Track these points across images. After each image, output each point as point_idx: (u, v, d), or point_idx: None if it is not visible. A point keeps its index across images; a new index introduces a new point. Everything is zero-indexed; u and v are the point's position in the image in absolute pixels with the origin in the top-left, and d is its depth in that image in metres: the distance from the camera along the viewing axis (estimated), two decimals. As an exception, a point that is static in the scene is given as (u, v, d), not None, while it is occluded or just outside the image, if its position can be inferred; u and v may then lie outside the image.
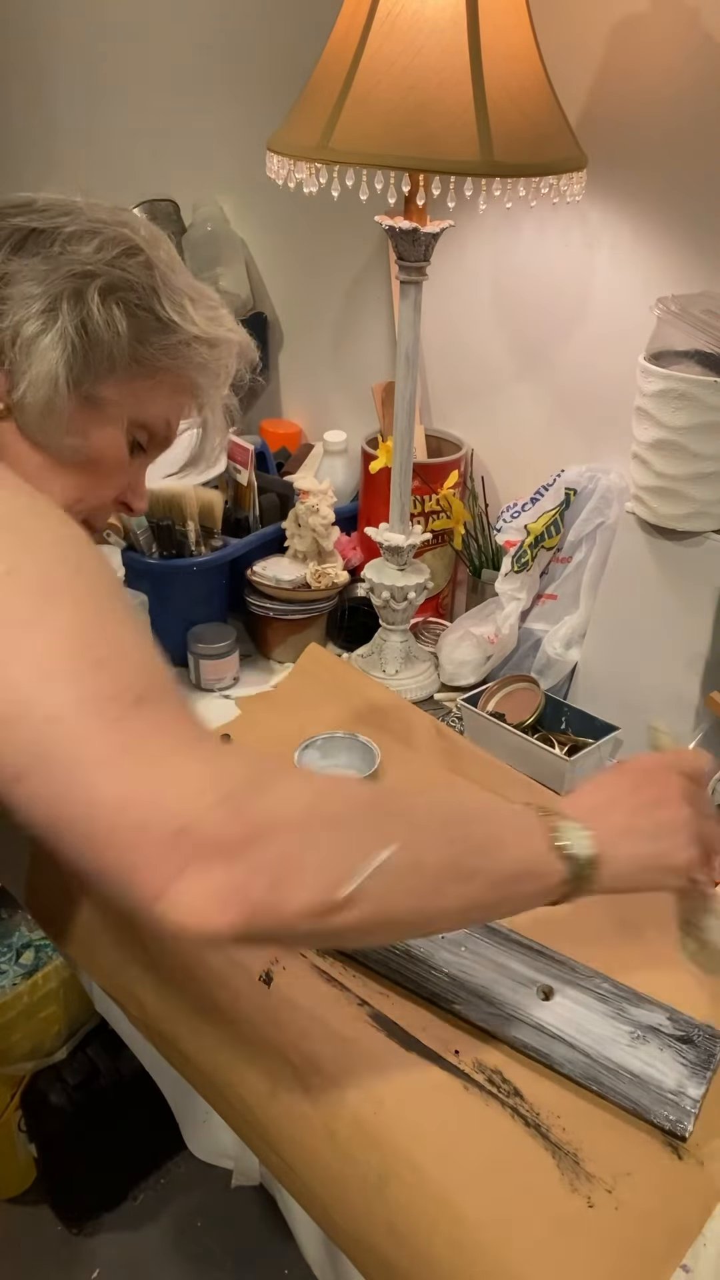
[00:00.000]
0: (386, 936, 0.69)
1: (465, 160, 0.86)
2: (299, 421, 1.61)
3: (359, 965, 0.81)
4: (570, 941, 0.81)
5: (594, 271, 1.13)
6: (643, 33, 1.01)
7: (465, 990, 0.76)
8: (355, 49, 0.87)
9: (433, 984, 0.77)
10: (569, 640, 1.15)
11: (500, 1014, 0.75)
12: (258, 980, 0.80)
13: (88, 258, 0.67)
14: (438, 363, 1.34)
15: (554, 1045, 0.73)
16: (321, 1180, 0.71)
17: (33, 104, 1.88)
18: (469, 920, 0.70)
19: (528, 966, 0.78)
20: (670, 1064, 0.71)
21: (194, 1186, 1.47)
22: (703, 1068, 0.71)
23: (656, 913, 0.75)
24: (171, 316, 0.70)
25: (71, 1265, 1.38)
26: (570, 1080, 0.72)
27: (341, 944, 0.79)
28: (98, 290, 0.67)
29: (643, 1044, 0.72)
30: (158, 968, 0.84)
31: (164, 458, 0.79)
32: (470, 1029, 0.76)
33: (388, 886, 0.53)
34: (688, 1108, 0.69)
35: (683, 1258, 0.63)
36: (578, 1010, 0.75)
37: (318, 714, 1.12)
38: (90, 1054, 1.36)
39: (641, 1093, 0.70)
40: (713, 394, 0.94)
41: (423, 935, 0.78)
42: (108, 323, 0.67)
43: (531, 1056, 0.73)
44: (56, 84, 1.83)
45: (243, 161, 1.48)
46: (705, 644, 1.03)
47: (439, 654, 1.23)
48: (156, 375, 0.72)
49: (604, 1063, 0.71)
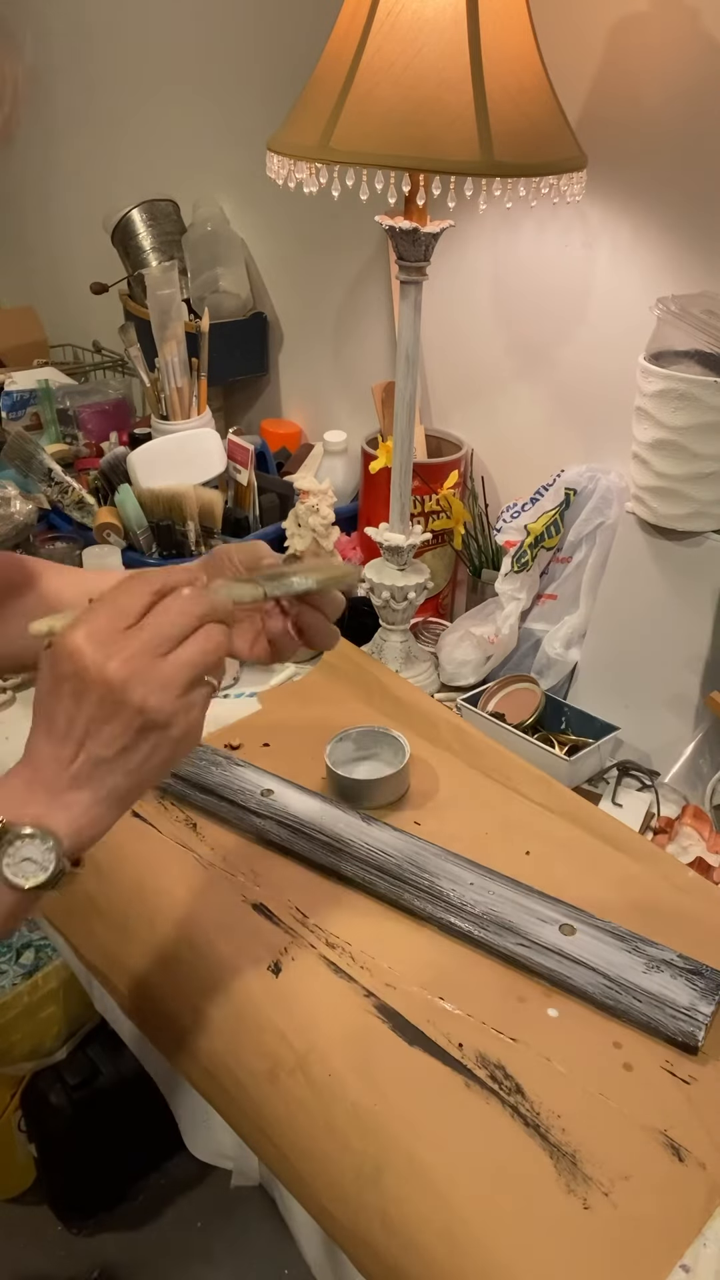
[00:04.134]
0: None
1: (465, 160, 0.86)
2: (299, 421, 1.61)
3: (399, 908, 0.87)
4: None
5: (594, 271, 1.13)
6: (643, 33, 1.01)
7: (495, 924, 0.83)
8: (355, 49, 0.87)
9: (466, 921, 0.84)
10: (569, 640, 1.15)
11: (526, 943, 0.82)
12: (266, 970, 0.81)
13: None
14: (438, 363, 1.34)
15: (575, 969, 0.80)
16: (316, 1168, 0.71)
17: (32, 104, 1.89)
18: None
19: (549, 909, 0.85)
20: (682, 989, 0.78)
21: (194, 1186, 1.47)
22: (712, 992, 0.78)
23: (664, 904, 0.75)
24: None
25: (71, 1265, 1.38)
26: (589, 1001, 0.79)
27: None
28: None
29: (657, 972, 0.79)
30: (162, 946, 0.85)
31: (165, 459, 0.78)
32: (474, 1021, 0.77)
33: None
34: (700, 1019, 0.75)
35: (681, 1258, 0.63)
36: (596, 944, 0.81)
37: (341, 708, 1.13)
38: (90, 1054, 1.36)
39: (656, 1010, 0.76)
40: (713, 394, 0.94)
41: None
42: None
43: (556, 982, 0.80)
44: (56, 84, 1.84)
45: (243, 161, 1.49)
46: (705, 644, 1.03)
47: (439, 654, 1.23)
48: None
49: (622, 983, 0.78)
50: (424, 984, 0.80)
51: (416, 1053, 0.75)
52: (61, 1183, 1.42)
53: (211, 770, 1.00)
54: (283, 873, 0.91)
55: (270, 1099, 0.74)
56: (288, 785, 0.98)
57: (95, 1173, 1.40)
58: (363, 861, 0.90)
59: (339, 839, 0.92)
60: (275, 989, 0.80)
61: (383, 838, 0.92)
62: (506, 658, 1.19)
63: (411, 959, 0.83)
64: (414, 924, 0.86)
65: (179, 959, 0.84)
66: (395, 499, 1.13)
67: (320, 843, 0.92)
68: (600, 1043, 0.76)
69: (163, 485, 1.18)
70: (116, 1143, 1.39)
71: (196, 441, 1.26)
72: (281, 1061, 0.75)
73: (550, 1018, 0.78)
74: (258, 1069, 0.76)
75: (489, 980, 0.81)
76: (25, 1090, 1.38)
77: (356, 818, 0.94)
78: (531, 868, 0.91)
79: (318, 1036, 0.76)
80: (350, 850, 0.91)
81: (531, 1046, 0.76)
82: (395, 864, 0.89)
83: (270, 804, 0.95)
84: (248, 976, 0.81)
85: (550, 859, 0.93)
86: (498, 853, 0.92)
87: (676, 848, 0.97)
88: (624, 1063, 0.75)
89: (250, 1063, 0.76)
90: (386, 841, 0.91)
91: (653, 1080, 0.74)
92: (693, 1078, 0.74)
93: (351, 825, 0.93)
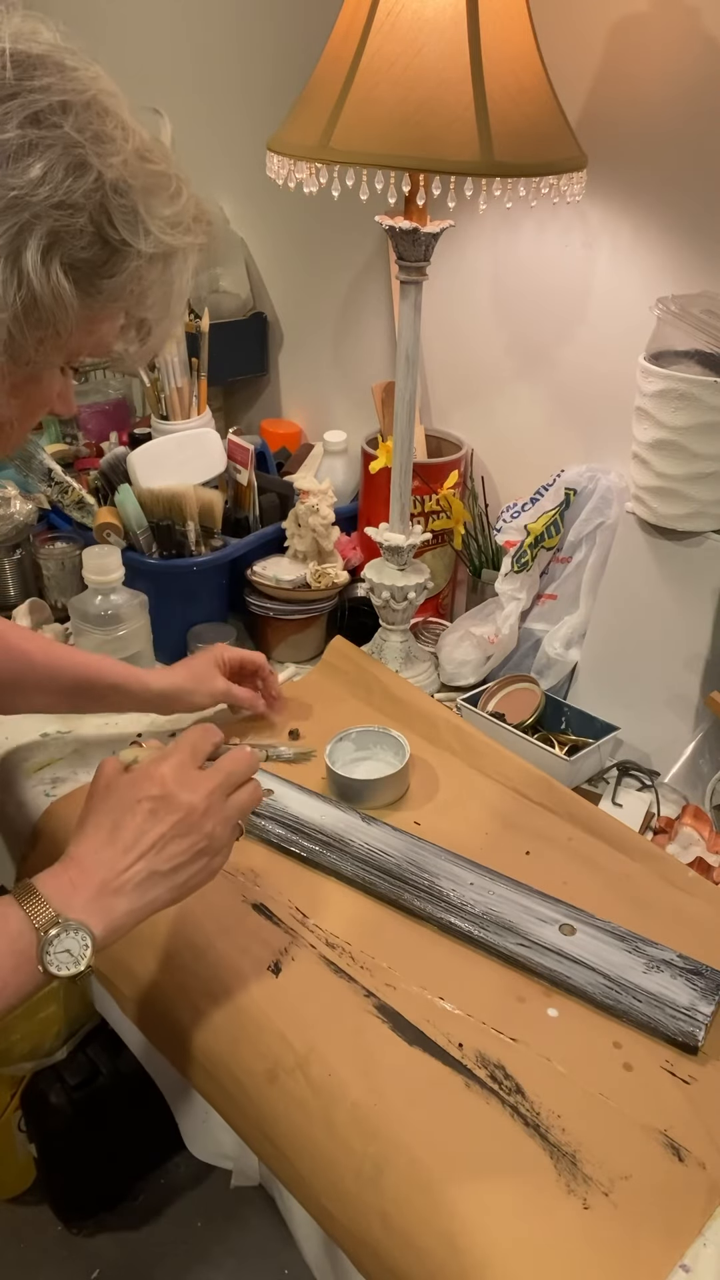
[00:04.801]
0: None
1: (465, 160, 0.86)
2: (299, 421, 1.61)
3: (399, 908, 0.87)
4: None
5: (594, 271, 1.13)
6: (643, 33, 1.01)
7: (495, 924, 0.84)
8: (355, 49, 0.87)
9: (466, 921, 0.84)
10: (569, 640, 1.15)
11: (526, 943, 0.82)
12: (266, 970, 0.81)
13: (27, 191, 0.54)
14: (438, 363, 1.34)
15: (576, 969, 0.80)
16: (316, 1167, 0.71)
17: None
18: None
19: (549, 909, 0.85)
20: (682, 989, 0.78)
21: (194, 1186, 1.47)
22: (712, 992, 0.78)
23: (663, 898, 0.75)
24: (123, 237, 0.59)
25: (71, 1265, 1.38)
26: (589, 1001, 0.79)
27: None
28: (40, 249, 0.55)
29: (657, 972, 0.80)
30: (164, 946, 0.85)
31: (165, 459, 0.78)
32: (474, 1021, 0.77)
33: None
34: (700, 1019, 0.76)
35: (681, 1259, 0.63)
36: (596, 944, 0.82)
37: (341, 708, 1.13)
38: (90, 1054, 1.36)
39: (656, 1009, 0.77)
40: (713, 394, 0.94)
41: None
42: (54, 292, 0.57)
43: (556, 982, 0.80)
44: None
45: (243, 161, 1.48)
46: (705, 644, 1.03)
47: (439, 654, 1.23)
48: (104, 312, 0.62)
49: (622, 984, 0.78)
50: (424, 984, 0.80)
51: (416, 1053, 0.75)
52: (61, 1183, 1.41)
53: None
54: (283, 873, 0.91)
55: (270, 1099, 0.74)
56: (288, 785, 0.98)
57: (95, 1173, 1.40)
58: (363, 861, 0.90)
59: (339, 839, 0.92)
60: (275, 989, 0.80)
61: (383, 838, 0.92)
62: (506, 658, 1.19)
63: (411, 959, 0.83)
64: (414, 924, 0.86)
65: (179, 959, 0.84)
66: (395, 499, 1.13)
67: (320, 843, 0.92)
68: (600, 1043, 0.76)
69: (163, 485, 1.18)
70: (116, 1143, 1.39)
71: (196, 441, 1.26)
72: (281, 1061, 0.75)
73: (550, 1018, 0.78)
74: (258, 1069, 0.76)
75: (489, 980, 0.81)
76: (25, 1090, 1.38)
77: (356, 818, 0.95)
78: (531, 868, 0.91)
79: (318, 1036, 0.76)
80: (350, 850, 0.91)
81: (531, 1046, 0.76)
82: (395, 864, 0.89)
83: (270, 804, 0.95)
84: (248, 976, 0.81)
85: (550, 859, 0.93)
86: (498, 853, 0.93)
87: (676, 848, 0.97)
88: (624, 1063, 0.75)
89: (250, 1063, 0.76)
90: (386, 841, 0.92)
91: (653, 1080, 0.74)
92: (693, 1078, 0.74)
93: (351, 825, 0.93)
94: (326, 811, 0.95)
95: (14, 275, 0.55)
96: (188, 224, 0.63)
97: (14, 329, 0.56)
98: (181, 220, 0.62)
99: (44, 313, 0.57)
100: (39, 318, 0.57)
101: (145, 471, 1.20)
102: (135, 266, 0.60)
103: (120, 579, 1.11)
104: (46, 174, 0.54)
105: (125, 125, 0.59)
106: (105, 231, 0.58)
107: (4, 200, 0.54)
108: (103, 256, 0.59)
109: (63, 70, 0.56)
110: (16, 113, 0.54)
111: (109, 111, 0.58)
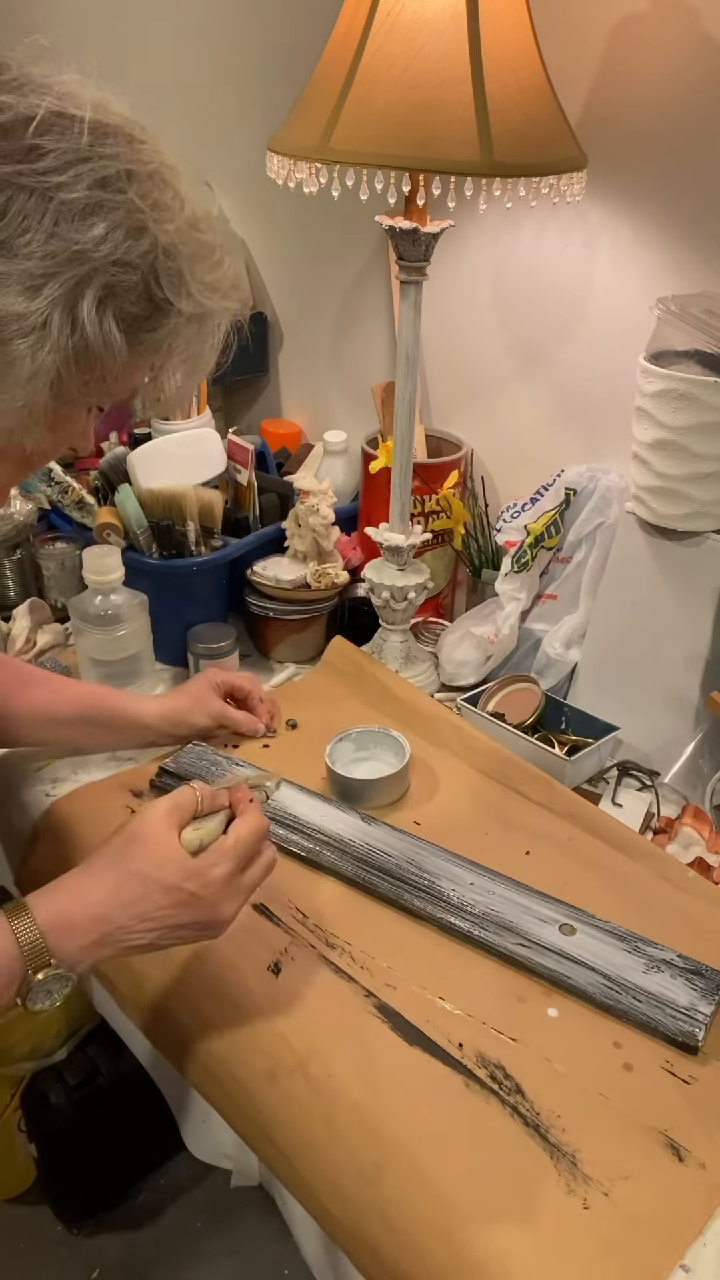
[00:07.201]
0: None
1: (465, 160, 0.86)
2: (299, 421, 1.61)
3: (399, 908, 0.87)
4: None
5: (594, 271, 1.13)
6: (643, 33, 1.01)
7: (495, 924, 0.84)
8: (355, 49, 0.87)
9: (466, 921, 0.84)
10: (569, 640, 1.15)
11: (526, 943, 0.82)
12: (266, 970, 0.81)
13: (90, 247, 0.58)
14: (438, 363, 1.34)
15: (576, 969, 0.80)
16: (316, 1167, 0.71)
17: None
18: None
19: (549, 909, 0.85)
20: (682, 989, 0.78)
21: (194, 1186, 1.47)
22: (712, 992, 0.78)
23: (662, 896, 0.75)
24: (166, 295, 0.63)
25: (71, 1265, 1.38)
26: (589, 1001, 0.79)
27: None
28: (96, 300, 0.59)
29: (656, 972, 0.79)
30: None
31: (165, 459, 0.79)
32: (474, 1021, 0.77)
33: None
34: (700, 1019, 0.76)
35: (681, 1259, 0.63)
36: (596, 944, 0.82)
37: (341, 708, 1.13)
38: (90, 1054, 1.36)
39: (656, 1009, 0.77)
40: (713, 394, 0.94)
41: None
42: (104, 340, 0.61)
43: (556, 982, 0.80)
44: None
45: (243, 162, 1.48)
46: (705, 644, 1.03)
47: (439, 654, 1.23)
48: (141, 361, 0.66)
49: (622, 983, 0.78)
50: (424, 984, 0.80)
51: (416, 1053, 0.75)
52: (61, 1183, 1.41)
53: (211, 770, 1.00)
54: (283, 873, 0.91)
55: (270, 1099, 0.74)
56: (288, 785, 0.98)
57: (95, 1173, 1.40)
58: (363, 861, 0.90)
59: (339, 839, 0.92)
60: (275, 989, 0.80)
61: (383, 838, 0.92)
62: (506, 658, 1.19)
63: (411, 959, 0.83)
64: (414, 924, 0.86)
65: (179, 959, 0.84)
66: (395, 499, 1.13)
67: (320, 843, 0.92)
68: (600, 1043, 0.76)
69: (163, 485, 1.18)
70: (116, 1143, 1.39)
71: (196, 441, 1.26)
72: (281, 1061, 0.75)
73: (550, 1018, 0.78)
74: (258, 1069, 0.76)
75: (489, 980, 0.81)
76: (25, 1090, 1.37)
77: (356, 818, 0.95)
78: (531, 868, 0.91)
79: (318, 1036, 0.76)
80: (350, 850, 0.91)
81: (531, 1046, 0.76)
82: (395, 864, 0.89)
83: (270, 804, 0.95)
84: (248, 976, 0.81)
85: (550, 859, 0.93)
86: (498, 853, 0.93)
87: (676, 848, 0.97)
88: (624, 1063, 0.75)
89: (250, 1063, 0.76)
90: (386, 841, 0.92)
91: (653, 1080, 0.74)
92: (693, 1078, 0.74)
93: (351, 825, 0.93)
94: (326, 811, 0.95)
95: (69, 321, 0.59)
96: (225, 290, 0.68)
97: (64, 370, 0.60)
98: (220, 286, 0.67)
99: (93, 358, 0.61)
100: (88, 362, 0.61)
101: (145, 471, 1.20)
102: (174, 324, 0.65)
103: (120, 579, 1.11)
104: (109, 234, 0.59)
105: (181, 196, 0.64)
106: (152, 289, 0.63)
107: (67, 253, 0.58)
108: (147, 311, 0.63)
109: (131, 142, 0.61)
110: (87, 176, 0.58)
111: (168, 184, 0.63)
